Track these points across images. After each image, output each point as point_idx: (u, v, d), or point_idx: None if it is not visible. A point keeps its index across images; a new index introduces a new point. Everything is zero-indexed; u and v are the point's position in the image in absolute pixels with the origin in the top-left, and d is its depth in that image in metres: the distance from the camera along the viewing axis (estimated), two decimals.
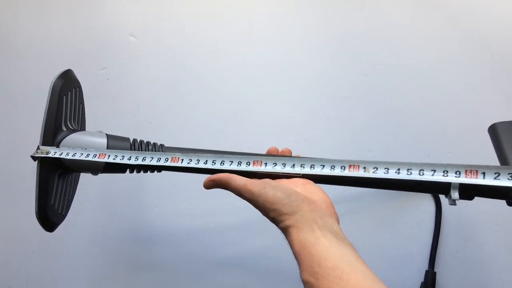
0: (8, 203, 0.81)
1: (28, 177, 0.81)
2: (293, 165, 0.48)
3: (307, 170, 0.47)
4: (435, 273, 0.72)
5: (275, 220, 0.45)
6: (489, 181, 0.40)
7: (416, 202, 0.75)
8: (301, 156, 0.53)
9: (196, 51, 0.83)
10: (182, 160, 0.49)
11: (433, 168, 0.43)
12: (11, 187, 0.82)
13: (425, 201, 0.75)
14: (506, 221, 0.72)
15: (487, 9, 0.78)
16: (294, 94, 0.80)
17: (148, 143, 0.55)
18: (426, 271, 0.72)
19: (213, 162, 0.49)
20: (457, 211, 0.73)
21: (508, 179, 0.40)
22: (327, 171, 0.46)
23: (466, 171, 0.42)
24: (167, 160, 0.50)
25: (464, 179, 0.41)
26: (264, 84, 0.81)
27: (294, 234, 0.42)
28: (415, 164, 0.44)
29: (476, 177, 0.41)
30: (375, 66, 0.79)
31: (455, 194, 0.43)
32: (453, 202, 0.44)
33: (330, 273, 0.37)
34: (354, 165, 0.45)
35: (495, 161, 0.48)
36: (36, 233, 0.80)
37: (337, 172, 0.46)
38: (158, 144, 0.55)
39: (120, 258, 0.79)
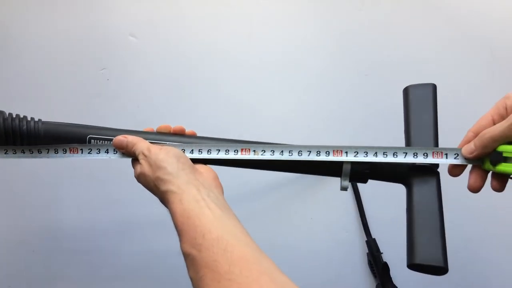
0: (8, 203, 0.81)
1: (27, 177, 0.81)
2: (192, 150, 0.49)
3: (204, 155, 0.49)
4: (374, 239, 0.73)
5: (160, 181, 0.43)
6: (380, 158, 0.47)
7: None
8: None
9: (196, 51, 0.83)
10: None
11: (327, 149, 0.47)
12: (11, 187, 0.82)
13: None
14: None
15: (487, 8, 0.78)
16: (294, 94, 0.80)
17: (22, 118, 0.51)
18: (366, 241, 0.73)
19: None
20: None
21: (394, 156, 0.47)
22: (222, 155, 0.49)
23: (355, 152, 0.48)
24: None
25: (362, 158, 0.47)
26: (264, 84, 0.81)
27: (177, 202, 0.41)
28: (305, 146, 0.48)
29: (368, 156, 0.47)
30: (375, 66, 0.79)
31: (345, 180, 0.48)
32: (343, 189, 0.48)
33: (214, 245, 0.36)
34: (245, 149, 0.48)
35: None
36: (36, 233, 0.81)
37: (231, 155, 0.48)
38: (36, 120, 0.52)
39: (120, 260, 0.79)
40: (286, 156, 0.48)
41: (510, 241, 0.72)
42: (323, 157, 0.47)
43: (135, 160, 0.49)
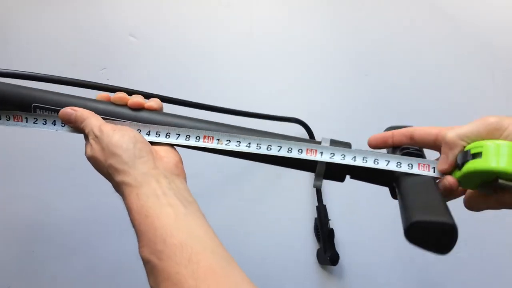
0: (8, 203, 0.81)
1: (27, 177, 0.81)
2: (148, 132, 0.44)
3: (162, 139, 0.43)
4: (325, 206, 0.74)
5: (113, 170, 0.37)
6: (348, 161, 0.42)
7: None
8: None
9: (196, 51, 0.83)
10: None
11: (300, 147, 0.43)
12: (10, 187, 0.82)
13: None
14: None
15: (487, 8, 0.78)
16: (294, 94, 0.80)
17: None
18: (317, 206, 0.74)
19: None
20: None
21: (353, 159, 0.42)
22: (182, 141, 0.43)
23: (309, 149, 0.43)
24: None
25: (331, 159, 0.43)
26: (264, 84, 0.81)
27: (133, 197, 0.35)
28: (276, 141, 0.44)
29: (315, 155, 0.43)
30: (375, 66, 0.79)
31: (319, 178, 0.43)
32: (316, 187, 0.44)
33: (177, 253, 0.31)
34: (208, 136, 0.44)
35: None
36: (36, 233, 0.80)
37: (192, 142, 0.43)
38: None
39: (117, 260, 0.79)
40: (253, 149, 0.43)
41: (510, 241, 0.72)
42: (294, 154, 0.43)
43: (86, 137, 0.42)
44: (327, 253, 0.70)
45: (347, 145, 0.45)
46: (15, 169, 0.82)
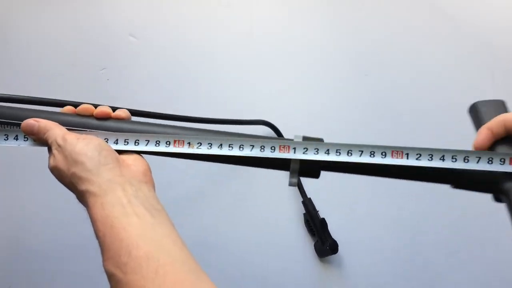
0: (8, 203, 0.81)
1: (26, 178, 0.81)
2: (116, 140, 0.42)
3: (131, 147, 0.42)
4: (310, 199, 0.73)
5: (76, 179, 0.36)
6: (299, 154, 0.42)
7: None
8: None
9: (196, 50, 0.83)
10: None
11: (273, 145, 0.42)
12: (11, 188, 0.82)
13: None
14: None
15: (487, 8, 0.78)
16: (294, 94, 0.80)
17: None
18: (302, 201, 0.74)
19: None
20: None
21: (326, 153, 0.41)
22: (151, 148, 0.42)
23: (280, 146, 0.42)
24: None
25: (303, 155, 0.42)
26: (264, 84, 0.81)
27: (98, 207, 0.33)
28: (247, 140, 0.42)
29: (288, 152, 0.42)
30: (375, 66, 0.79)
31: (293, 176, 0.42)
32: (292, 185, 0.43)
33: (143, 265, 0.29)
34: (179, 141, 0.42)
35: None
36: (36, 233, 0.80)
37: (163, 148, 0.42)
38: None
39: None
40: (225, 151, 0.42)
41: (510, 241, 0.72)
42: (267, 153, 0.42)
43: (49, 149, 0.40)
44: (325, 243, 0.70)
45: (320, 141, 0.44)
46: (14, 169, 0.82)
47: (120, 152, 0.40)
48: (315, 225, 0.71)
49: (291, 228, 0.75)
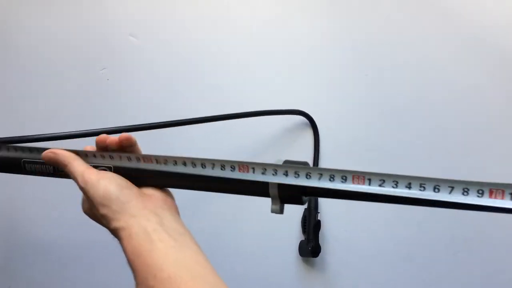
0: (8, 204, 0.81)
1: (26, 178, 0.81)
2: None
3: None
4: (316, 198, 0.73)
5: (106, 219, 0.39)
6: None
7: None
8: None
9: (197, 51, 0.83)
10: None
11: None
12: (11, 188, 0.82)
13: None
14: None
15: (488, 8, 0.78)
16: (293, 95, 0.80)
17: None
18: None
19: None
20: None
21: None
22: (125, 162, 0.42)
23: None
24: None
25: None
26: (265, 84, 0.81)
27: (126, 239, 0.36)
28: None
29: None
30: (375, 65, 0.79)
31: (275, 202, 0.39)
32: (275, 212, 0.40)
33: (167, 285, 0.32)
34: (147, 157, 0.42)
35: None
36: (36, 233, 0.81)
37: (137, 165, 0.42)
38: None
39: None
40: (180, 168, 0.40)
41: (510, 241, 0.72)
42: (227, 173, 0.39)
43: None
44: (309, 244, 0.70)
45: (304, 164, 0.40)
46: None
47: (137, 183, 0.42)
48: (309, 223, 0.71)
49: (287, 219, 0.75)
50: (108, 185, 0.39)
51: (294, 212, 0.74)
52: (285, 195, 0.39)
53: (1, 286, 0.80)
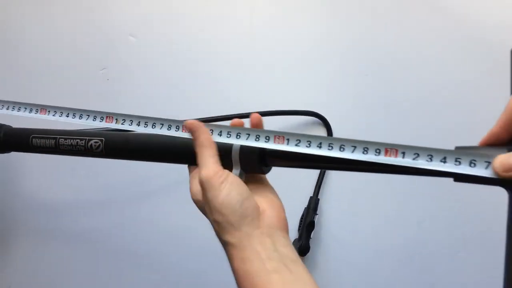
0: (8, 204, 0.81)
1: (27, 178, 0.81)
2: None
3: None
4: (318, 199, 0.74)
5: (219, 227, 0.38)
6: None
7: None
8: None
9: (197, 50, 0.83)
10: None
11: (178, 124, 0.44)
12: (11, 188, 0.82)
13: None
14: None
15: (488, 8, 0.78)
16: (293, 95, 0.80)
17: None
18: (311, 197, 0.74)
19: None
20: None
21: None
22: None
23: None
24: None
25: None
26: (265, 84, 0.81)
27: (239, 261, 0.35)
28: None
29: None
30: (375, 66, 0.79)
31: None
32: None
33: None
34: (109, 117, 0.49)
35: None
36: (37, 233, 0.80)
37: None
38: None
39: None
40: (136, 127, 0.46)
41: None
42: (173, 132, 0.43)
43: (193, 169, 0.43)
44: (299, 242, 0.71)
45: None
46: (15, 169, 0.82)
47: (254, 193, 0.40)
48: (304, 223, 0.72)
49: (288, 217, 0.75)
50: (230, 192, 0.37)
51: (295, 212, 0.74)
52: (245, 160, 0.41)
53: (1, 286, 0.80)
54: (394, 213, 0.74)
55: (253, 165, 0.41)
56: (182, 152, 0.45)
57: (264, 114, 0.71)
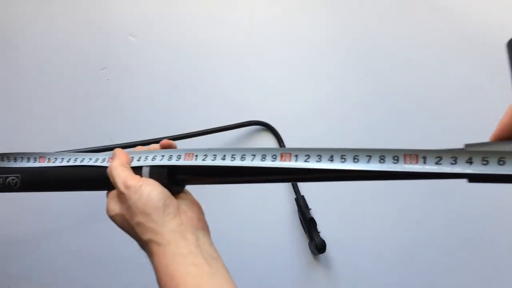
0: (8, 203, 0.81)
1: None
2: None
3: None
4: (303, 196, 0.73)
5: (141, 228, 0.37)
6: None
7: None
8: None
9: (196, 50, 0.83)
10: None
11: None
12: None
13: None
14: None
15: (487, 8, 0.78)
16: (293, 95, 0.80)
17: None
18: (295, 198, 0.73)
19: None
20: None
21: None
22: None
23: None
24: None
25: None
26: (264, 84, 0.81)
27: (160, 256, 0.35)
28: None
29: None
30: (375, 66, 0.79)
31: None
32: None
33: None
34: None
35: None
36: (37, 233, 0.80)
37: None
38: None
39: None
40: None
41: (510, 241, 0.72)
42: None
43: (109, 191, 0.42)
44: (313, 241, 0.69)
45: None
46: None
47: (175, 196, 0.40)
48: (304, 223, 0.71)
49: (286, 226, 0.74)
50: (151, 191, 0.38)
51: (293, 217, 0.74)
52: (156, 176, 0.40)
53: (1, 286, 0.80)
54: (394, 213, 0.74)
55: (164, 184, 0.41)
56: (98, 179, 0.44)
57: (204, 133, 0.72)
